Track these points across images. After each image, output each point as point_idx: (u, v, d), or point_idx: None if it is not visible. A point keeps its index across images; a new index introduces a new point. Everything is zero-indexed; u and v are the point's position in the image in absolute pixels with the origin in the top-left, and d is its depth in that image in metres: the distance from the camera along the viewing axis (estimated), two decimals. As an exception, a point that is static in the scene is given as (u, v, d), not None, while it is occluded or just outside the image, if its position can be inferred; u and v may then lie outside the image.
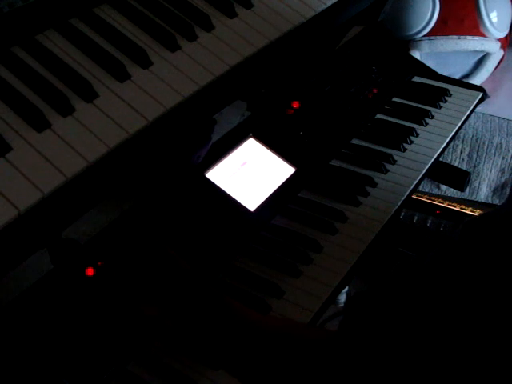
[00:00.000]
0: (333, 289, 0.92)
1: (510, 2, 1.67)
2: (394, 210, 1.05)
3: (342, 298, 1.96)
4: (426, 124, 1.24)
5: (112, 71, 0.79)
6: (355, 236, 1.00)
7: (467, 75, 1.71)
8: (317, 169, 1.12)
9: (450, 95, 1.32)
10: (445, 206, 1.72)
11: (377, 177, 1.11)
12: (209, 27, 0.89)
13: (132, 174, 0.81)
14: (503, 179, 1.63)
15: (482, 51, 1.65)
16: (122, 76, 0.79)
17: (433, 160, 1.16)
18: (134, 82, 0.79)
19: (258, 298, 0.89)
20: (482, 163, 1.61)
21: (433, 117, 1.26)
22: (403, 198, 1.08)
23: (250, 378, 0.70)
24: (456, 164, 1.62)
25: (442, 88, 1.32)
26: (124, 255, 0.81)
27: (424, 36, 1.64)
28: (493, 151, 1.59)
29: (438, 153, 1.18)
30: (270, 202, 1.01)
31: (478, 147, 1.60)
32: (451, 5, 1.62)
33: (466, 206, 1.71)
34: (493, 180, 1.63)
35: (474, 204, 1.70)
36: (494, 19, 1.61)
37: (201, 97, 0.82)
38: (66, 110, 0.73)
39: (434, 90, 1.32)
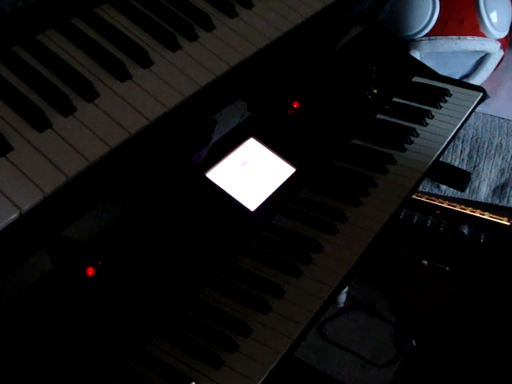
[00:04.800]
0: (333, 289, 0.92)
1: (510, 2, 1.67)
2: (394, 210, 1.06)
3: (342, 297, 1.96)
4: (426, 124, 1.24)
5: (113, 71, 0.79)
6: (355, 236, 1.00)
7: (467, 75, 1.71)
8: (317, 169, 1.12)
9: (450, 95, 1.32)
10: (445, 206, 1.72)
11: (377, 177, 1.11)
12: (209, 27, 0.89)
13: (133, 174, 0.81)
14: (503, 179, 1.63)
15: (481, 51, 1.65)
16: (123, 76, 0.79)
17: (433, 160, 1.16)
18: (135, 82, 0.79)
19: (259, 298, 0.89)
20: (481, 163, 1.61)
21: (433, 117, 1.26)
22: (403, 199, 1.08)
23: None
24: (456, 164, 1.62)
25: (441, 88, 1.32)
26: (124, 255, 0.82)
27: (424, 36, 1.64)
28: (493, 151, 1.59)
29: (438, 153, 1.18)
30: (270, 201, 1.01)
31: (478, 147, 1.60)
32: (451, 5, 1.62)
33: (465, 206, 1.71)
34: (493, 180, 1.63)
35: (474, 204, 1.70)
36: (494, 19, 1.61)
37: (201, 97, 0.82)
38: (67, 109, 0.73)
39: (434, 90, 1.32)
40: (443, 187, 1.68)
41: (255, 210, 0.99)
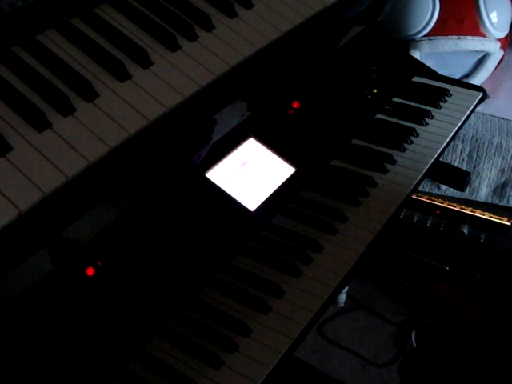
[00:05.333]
0: (333, 289, 0.92)
1: (510, 2, 1.67)
2: (393, 210, 1.06)
3: (342, 297, 1.96)
4: (426, 124, 1.24)
5: (112, 71, 0.79)
6: (355, 236, 1.00)
7: (467, 75, 1.71)
8: (317, 169, 1.12)
9: (450, 95, 1.32)
10: (445, 206, 1.72)
11: (377, 177, 1.11)
12: (209, 27, 0.89)
13: (132, 174, 0.81)
14: (503, 179, 1.63)
15: (482, 51, 1.65)
16: (123, 76, 0.79)
17: (433, 160, 1.16)
18: (135, 82, 0.79)
19: (258, 298, 0.89)
20: (481, 163, 1.61)
21: (433, 117, 1.26)
22: (403, 198, 1.08)
23: None
24: (456, 164, 1.62)
25: (442, 88, 1.32)
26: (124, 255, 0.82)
27: (424, 36, 1.64)
28: (493, 151, 1.59)
29: (438, 153, 1.18)
30: (270, 201, 1.01)
31: (478, 147, 1.60)
32: (451, 5, 1.62)
33: (465, 206, 1.71)
34: (493, 180, 1.63)
35: (474, 204, 1.70)
36: (494, 19, 1.61)
37: (201, 97, 0.82)
38: (67, 109, 0.73)
39: (433, 90, 1.32)
40: (443, 187, 1.68)
41: (255, 210, 0.99)
